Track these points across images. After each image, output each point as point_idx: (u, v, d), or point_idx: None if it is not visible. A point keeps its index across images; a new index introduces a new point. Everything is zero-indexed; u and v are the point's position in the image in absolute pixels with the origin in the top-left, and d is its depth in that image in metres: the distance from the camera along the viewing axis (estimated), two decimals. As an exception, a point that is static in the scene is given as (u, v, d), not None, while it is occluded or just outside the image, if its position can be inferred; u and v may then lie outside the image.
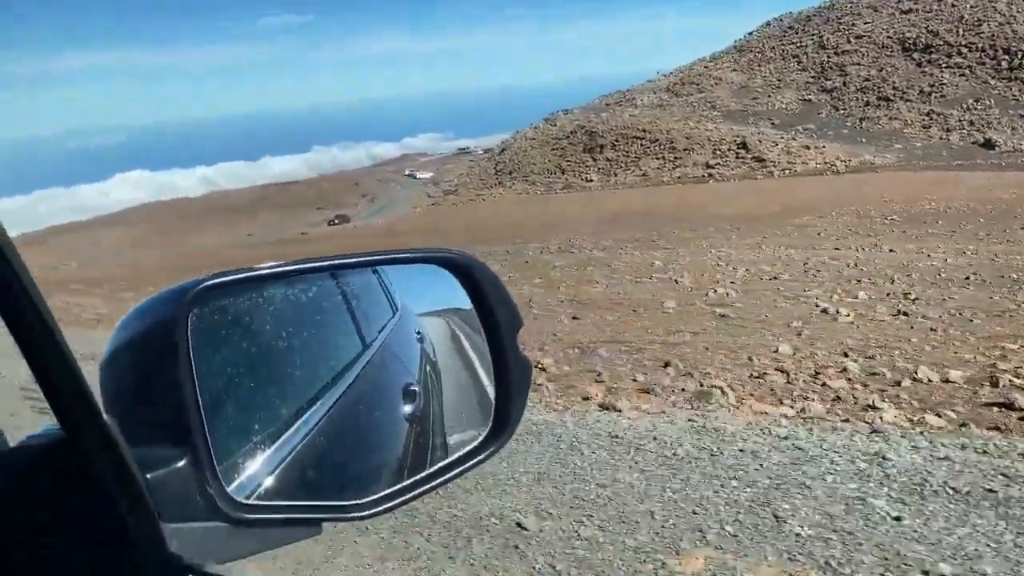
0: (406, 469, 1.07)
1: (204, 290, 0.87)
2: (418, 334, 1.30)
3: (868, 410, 7.43)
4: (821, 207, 45.88)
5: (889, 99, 79.58)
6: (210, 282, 0.89)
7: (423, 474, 1.06)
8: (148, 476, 0.76)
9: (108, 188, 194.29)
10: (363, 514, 0.95)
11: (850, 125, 78.90)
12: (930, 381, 8.70)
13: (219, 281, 0.89)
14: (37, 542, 0.70)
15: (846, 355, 10.07)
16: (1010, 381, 8.67)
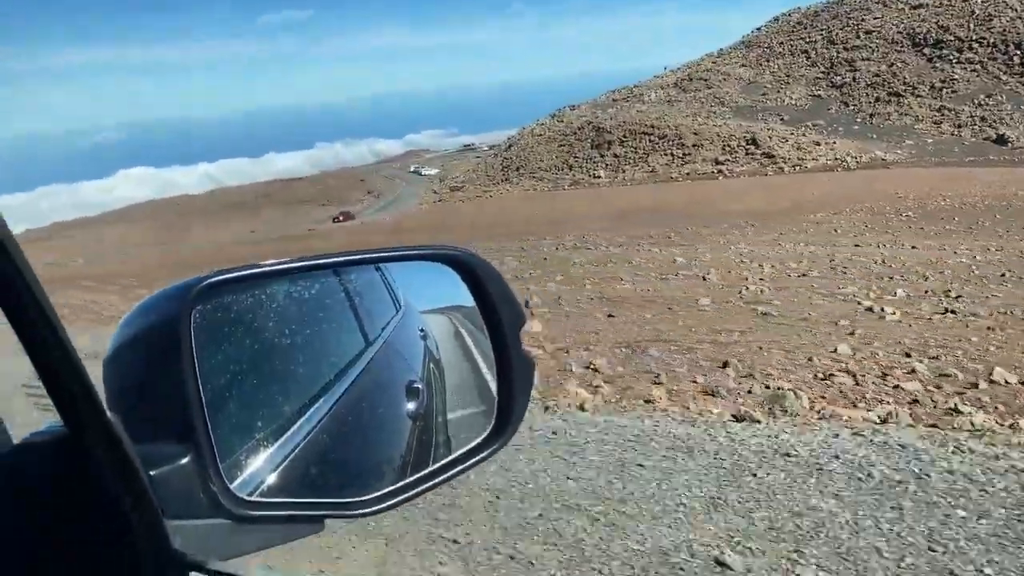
0: (409, 466, 1.06)
1: (207, 287, 0.87)
2: (421, 331, 1.28)
3: (952, 414, 6.99)
4: (834, 203, 45.53)
5: (900, 95, 78.99)
6: (213, 279, 0.88)
7: (426, 471, 1.05)
8: (151, 473, 0.76)
9: (111, 185, 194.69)
10: (366, 511, 0.95)
11: (860, 121, 78.34)
12: (1007, 383, 8.27)
13: (222, 278, 0.89)
14: (41, 539, 0.70)
15: (908, 355, 9.64)
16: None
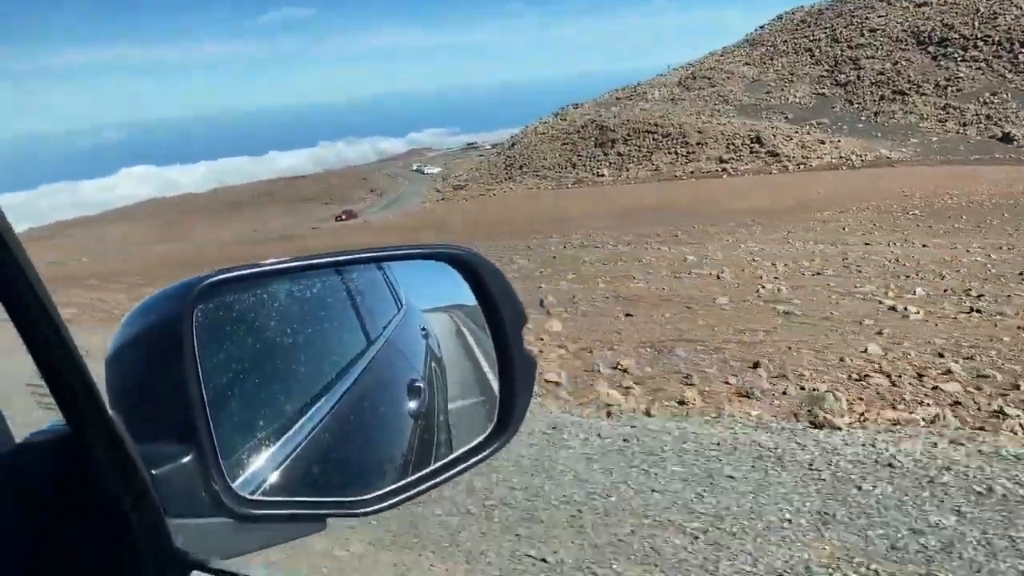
0: (411, 465, 1.06)
1: (209, 286, 0.87)
2: (423, 330, 1.28)
3: (998, 417, 6.78)
4: (840, 202, 45.34)
5: (904, 93, 78.72)
6: (215, 278, 0.88)
7: (427, 470, 1.05)
8: (153, 472, 0.76)
9: (112, 183, 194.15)
10: (367, 510, 0.95)
11: (865, 119, 78.09)
12: (1048, 384, 8.06)
13: (224, 277, 0.89)
14: (43, 538, 0.70)
15: (941, 356, 9.43)
16: None
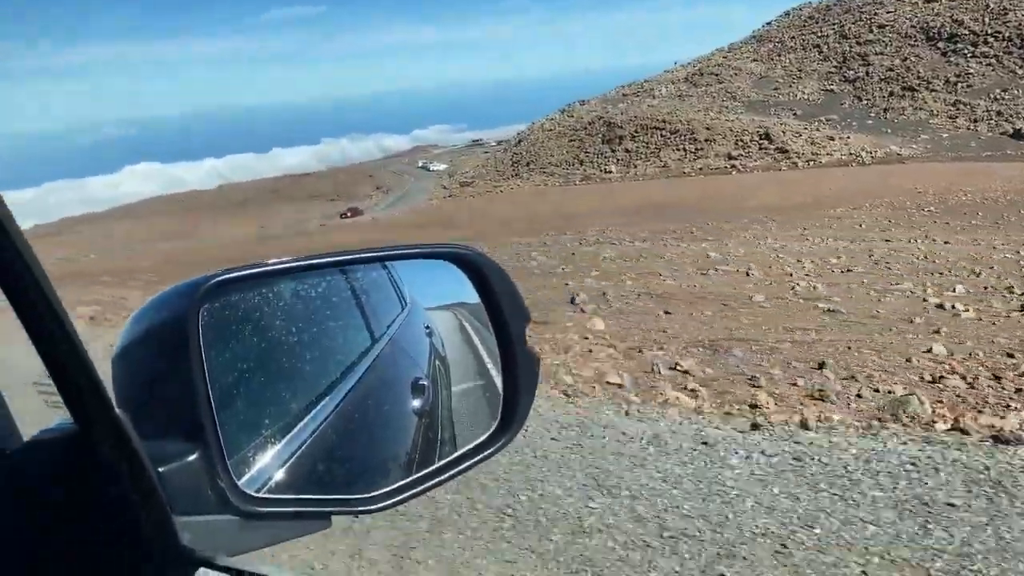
0: (415, 463, 1.06)
1: (215, 286, 0.87)
2: (427, 328, 1.29)
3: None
4: (852, 198, 44.97)
5: (914, 89, 78.21)
6: (221, 277, 0.88)
7: (432, 468, 1.05)
8: (160, 470, 0.76)
9: (117, 180, 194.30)
10: (372, 508, 0.95)
11: (874, 115, 77.61)
12: None
13: (230, 277, 0.89)
14: (52, 536, 0.70)
15: (1011, 356, 9.11)
16: None
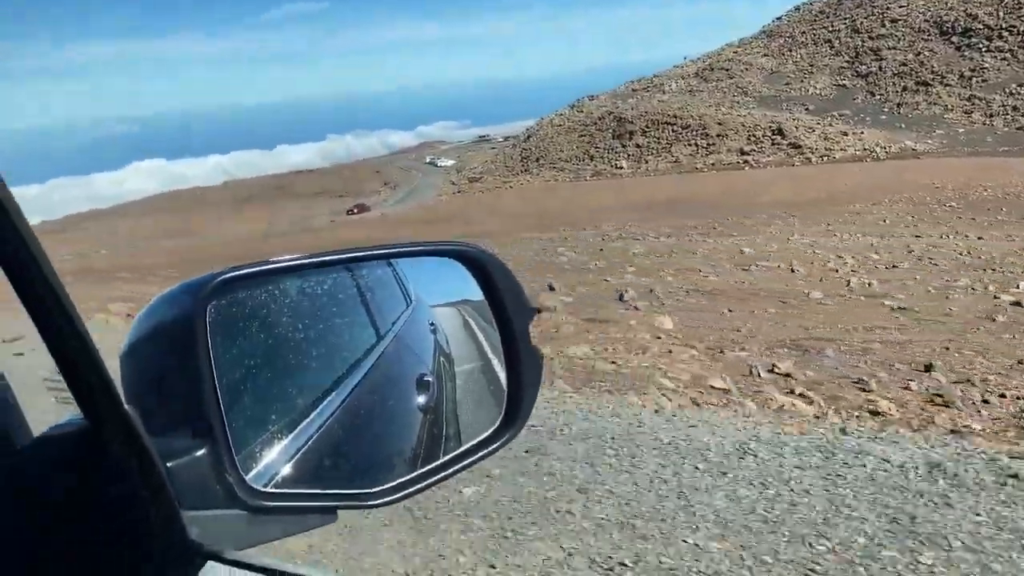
0: (420, 458, 1.07)
1: (222, 283, 0.88)
2: (432, 325, 1.29)
3: None
4: (869, 194, 44.47)
5: (928, 84, 77.55)
6: (228, 275, 0.89)
7: (436, 463, 1.06)
8: (168, 465, 0.77)
9: (122, 177, 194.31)
10: (378, 502, 0.96)
11: (888, 111, 76.98)
12: None
13: (236, 274, 0.90)
14: (62, 531, 0.71)
15: None
16: None
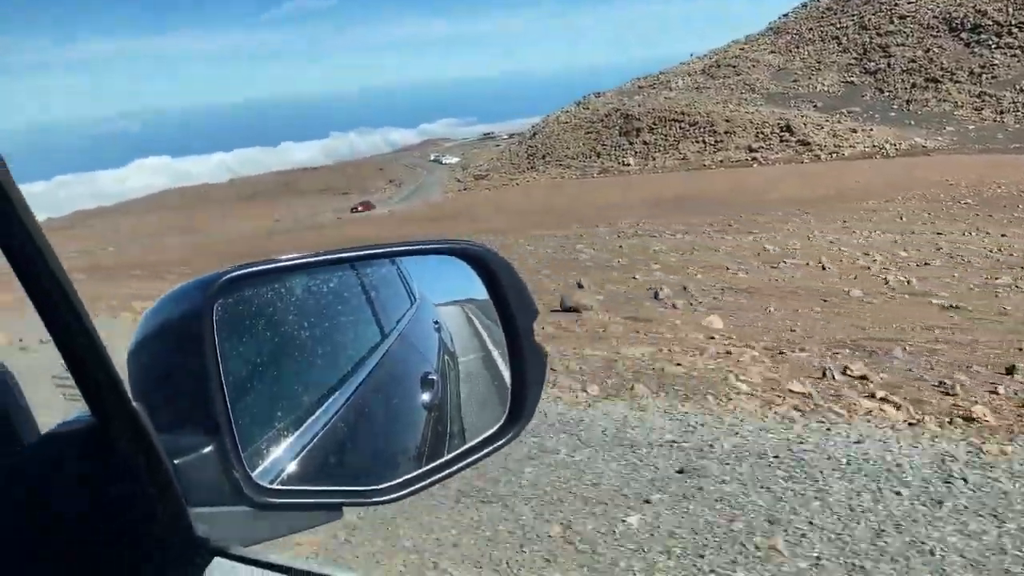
0: (424, 455, 1.08)
1: (228, 281, 0.89)
2: (436, 324, 1.30)
3: None
4: (881, 191, 44.10)
5: (937, 80, 77.08)
6: (234, 273, 0.90)
7: (441, 460, 1.07)
8: (176, 462, 0.78)
9: (126, 174, 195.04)
10: (383, 499, 0.96)
11: (897, 107, 76.53)
12: None
13: (243, 272, 0.91)
14: (70, 527, 0.72)
15: None
16: None
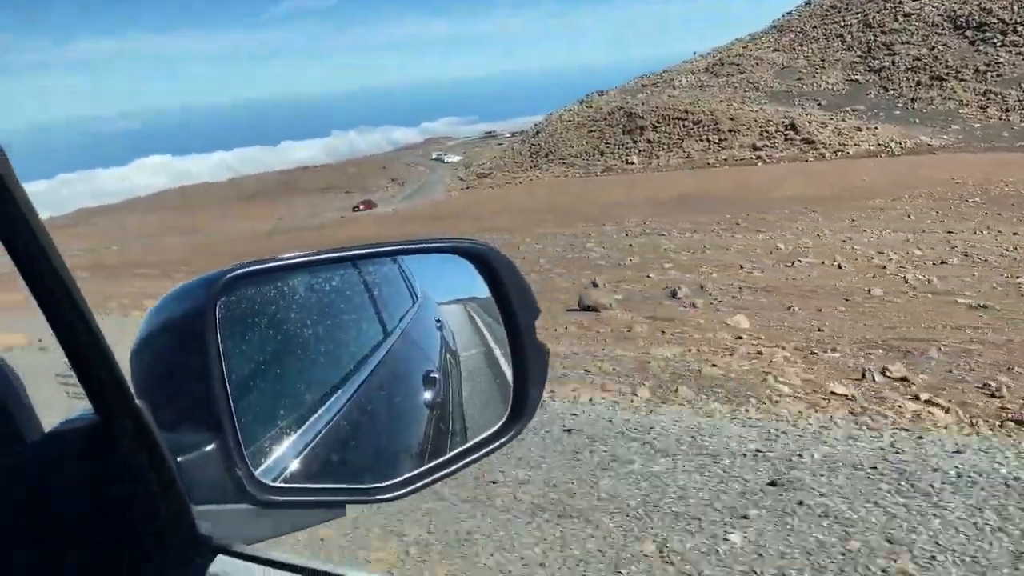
0: (427, 453, 1.08)
1: (231, 280, 0.89)
2: (438, 322, 1.30)
3: None
4: (887, 189, 43.87)
5: (942, 79, 76.75)
6: (237, 272, 0.90)
7: (443, 458, 1.07)
8: (179, 460, 0.78)
9: (127, 173, 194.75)
10: (385, 497, 0.97)
11: (902, 106, 76.22)
12: None
13: (245, 271, 0.91)
14: (73, 525, 0.72)
15: None
16: None
